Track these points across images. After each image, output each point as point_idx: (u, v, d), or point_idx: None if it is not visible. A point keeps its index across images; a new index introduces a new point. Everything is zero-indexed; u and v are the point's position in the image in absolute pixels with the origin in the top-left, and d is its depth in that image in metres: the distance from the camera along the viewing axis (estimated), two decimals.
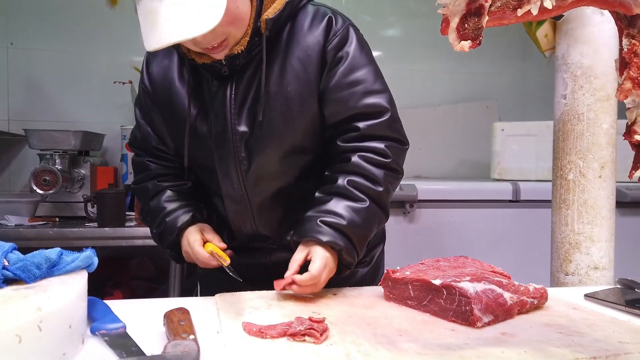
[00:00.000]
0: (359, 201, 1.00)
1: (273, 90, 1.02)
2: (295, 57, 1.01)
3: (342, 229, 0.97)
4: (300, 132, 1.04)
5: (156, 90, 1.12)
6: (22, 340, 0.58)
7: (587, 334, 0.77)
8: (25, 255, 0.72)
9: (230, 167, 1.06)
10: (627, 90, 0.59)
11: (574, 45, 1.26)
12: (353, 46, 1.03)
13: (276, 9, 0.98)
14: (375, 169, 1.01)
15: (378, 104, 1.03)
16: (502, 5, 0.55)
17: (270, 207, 1.10)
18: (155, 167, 1.17)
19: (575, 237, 1.28)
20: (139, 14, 0.89)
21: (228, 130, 1.04)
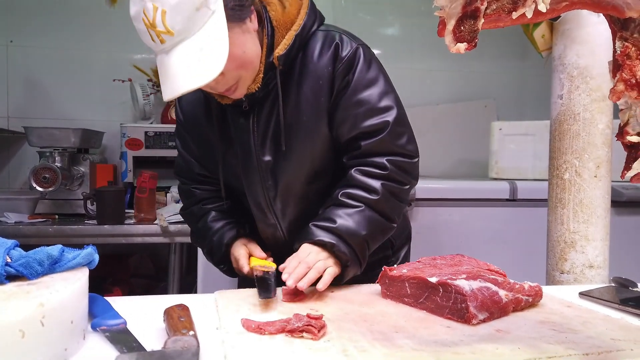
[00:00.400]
0: (352, 207, 1.05)
1: (291, 120, 1.08)
2: (308, 87, 1.06)
3: (332, 229, 1.02)
4: (318, 156, 1.11)
5: (187, 124, 1.21)
6: (25, 335, 0.59)
7: (581, 331, 0.79)
8: (27, 252, 0.73)
9: (259, 194, 1.15)
10: (620, 92, 0.60)
11: (570, 46, 1.27)
12: (358, 69, 1.06)
13: (286, 45, 1.03)
14: (372, 180, 1.06)
15: (380, 123, 1.06)
16: (497, 8, 0.56)
17: (298, 226, 1.14)
18: (200, 193, 1.25)
19: (571, 236, 1.30)
20: (158, 68, 0.96)
21: (254, 160, 1.11)
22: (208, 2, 0.89)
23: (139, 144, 2.38)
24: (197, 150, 1.22)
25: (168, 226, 2.06)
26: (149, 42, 0.93)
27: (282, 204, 1.15)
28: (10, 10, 2.61)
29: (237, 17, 0.96)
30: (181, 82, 0.91)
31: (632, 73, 0.60)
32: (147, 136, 2.38)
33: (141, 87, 2.53)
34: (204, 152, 1.21)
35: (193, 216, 1.25)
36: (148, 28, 0.90)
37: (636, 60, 0.60)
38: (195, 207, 1.25)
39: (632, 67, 0.60)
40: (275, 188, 1.13)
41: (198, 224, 1.24)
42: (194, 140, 1.22)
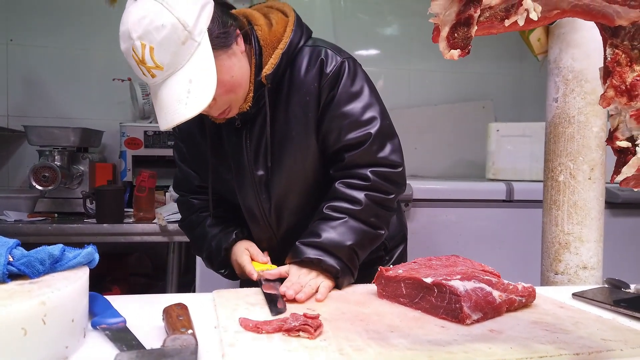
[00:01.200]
0: (336, 219, 1.07)
1: (280, 135, 1.11)
2: (296, 103, 1.09)
3: (317, 244, 1.05)
4: (310, 170, 1.14)
5: (183, 138, 1.24)
6: (27, 333, 0.60)
7: (572, 331, 0.80)
8: (28, 251, 0.74)
9: (253, 208, 1.18)
10: (610, 98, 0.62)
11: (565, 50, 1.29)
12: (342, 82, 1.09)
13: (273, 64, 1.06)
14: (355, 191, 1.08)
15: (362, 135, 1.08)
16: (490, 16, 0.58)
17: (294, 235, 1.16)
18: (198, 203, 1.27)
19: (565, 237, 1.31)
20: (153, 101, 1.00)
21: (247, 175, 1.15)
22: (193, 35, 0.93)
23: (138, 143, 2.39)
24: (193, 163, 1.26)
25: (167, 225, 2.07)
26: (142, 76, 0.96)
27: (277, 216, 1.18)
28: (10, 8, 2.62)
29: (223, 44, 0.99)
30: (174, 114, 0.94)
31: (622, 79, 0.61)
32: (146, 135, 2.39)
33: (141, 87, 2.54)
34: (200, 165, 1.24)
35: (191, 224, 1.28)
36: (138, 64, 0.94)
37: (626, 67, 0.61)
38: (194, 216, 1.27)
39: (622, 74, 0.61)
40: (269, 201, 1.16)
41: (196, 231, 1.26)
42: (190, 154, 1.25)
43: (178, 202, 1.34)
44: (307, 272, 1.04)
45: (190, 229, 1.30)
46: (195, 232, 1.27)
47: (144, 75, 0.95)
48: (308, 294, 0.97)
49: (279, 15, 1.11)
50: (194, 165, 1.26)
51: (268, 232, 1.21)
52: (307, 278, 1.02)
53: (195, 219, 1.27)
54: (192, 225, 1.28)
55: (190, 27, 0.92)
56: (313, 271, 1.04)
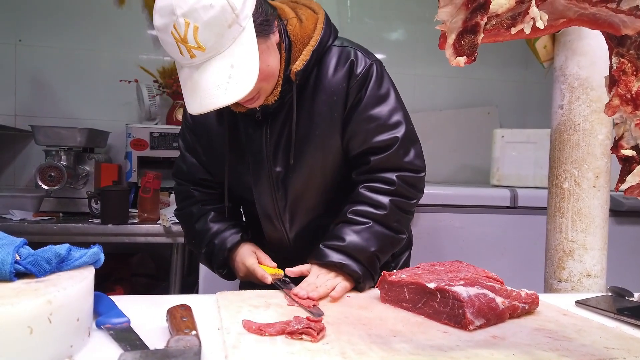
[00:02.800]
0: (361, 224, 1.07)
1: (303, 133, 1.10)
2: (323, 101, 1.09)
3: (341, 248, 1.05)
4: (330, 169, 1.14)
5: (197, 130, 1.21)
6: (34, 332, 0.61)
7: (575, 339, 0.80)
8: (35, 250, 0.74)
9: (268, 204, 1.17)
10: (615, 107, 0.62)
11: (571, 57, 1.29)
12: (371, 85, 1.09)
13: (304, 60, 1.05)
14: (380, 196, 1.09)
15: (389, 139, 1.09)
16: (497, 24, 0.58)
17: (305, 235, 1.18)
18: (199, 194, 1.25)
19: (569, 245, 1.31)
20: (180, 79, 0.97)
21: (265, 170, 1.13)
22: (239, 19, 0.91)
23: (144, 144, 2.40)
24: (203, 155, 1.23)
25: (171, 226, 2.08)
26: (177, 55, 0.93)
27: (291, 214, 1.18)
28: (19, 9, 2.64)
29: (264, 32, 0.98)
30: (211, 99, 0.92)
31: (628, 88, 0.61)
32: (152, 137, 2.40)
33: (147, 88, 2.56)
34: (211, 158, 1.22)
35: (191, 216, 1.24)
36: (178, 42, 0.90)
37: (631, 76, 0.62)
38: (195, 207, 1.24)
39: (628, 83, 0.61)
40: (285, 198, 1.15)
41: (196, 224, 1.23)
42: (202, 145, 1.22)
43: (176, 190, 1.30)
44: (327, 273, 1.04)
45: (188, 221, 1.26)
46: (195, 225, 1.24)
47: (180, 55, 0.92)
48: (322, 293, 0.97)
49: (308, 12, 1.10)
50: (202, 158, 1.23)
51: (280, 230, 1.20)
52: (324, 278, 1.03)
53: (197, 212, 1.24)
54: (192, 217, 1.24)
55: (238, 10, 0.90)
56: (332, 272, 1.04)
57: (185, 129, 1.25)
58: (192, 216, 1.24)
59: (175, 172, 1.29)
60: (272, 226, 1.20)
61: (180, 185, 1.28)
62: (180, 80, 0.97)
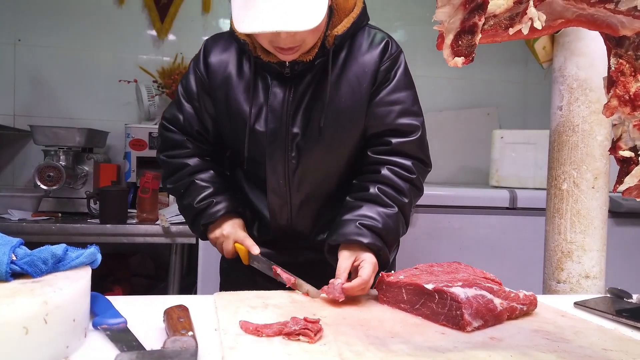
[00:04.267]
0: (389, 207, 1.07)
1: (328, 100, 1.10)
2: (353, 73, 1.10)
3: (379, 231, 1.04)
4: (349, 142, 1.14)
5: (214, 82, 1.15)
6: (29, 332, 0.61)
7: (573, 340, 0.80)
8: (32, 250, 0.74)
9: (279, 164, 1.14)
10: (614, 108, 0.62)
11: (570, 58, 1.29)
12: (400, 70, 1.13)
13: (345, 27, 1.08)
14: (402, 182, 1.10)
15: (412, 124, 1.12)
16: (494, 24, 0.58)
17: (308, 204, 1.18)
18: (194, 147, 1.20)
19: (568, 246, 1.31)
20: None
21: (282, 130, 1.11)
22: None
23: (143, 144, 2.40)
24: (210, 109, 1.18)
25: (170, 227, 2.07)
26: None
27: (300, 178, 1.15)
28: (18, 9, 2.64)
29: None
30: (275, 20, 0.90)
31: (626, 89, 0.61)
32: (151, 137, 2.40)
33: (146, 89, 2.56)
34: (222, 114, 1.16)
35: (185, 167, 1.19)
36: None
37: (630, 77, 0.61)
38: (192, 160, 1.19)
39: (626, 84, 0.61)
40: (297, 160, 1.13)
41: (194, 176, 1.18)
42: (215, 100, 1.16)
43: (166, 136, 1.22)
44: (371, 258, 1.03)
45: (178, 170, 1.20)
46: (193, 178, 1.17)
47: None
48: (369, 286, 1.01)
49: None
50: (208, 111, 1.18)
51: (284, 196, 1.17)
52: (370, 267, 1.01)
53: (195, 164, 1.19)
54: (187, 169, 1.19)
55: None
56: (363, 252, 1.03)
57: (195, 78, 1.18)
58: (187, 167, 1.19)
59: (170, 119, 1.21)
60: (278, 188, 1.16)
61: (172, 133, 1.21)
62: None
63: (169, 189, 1.24)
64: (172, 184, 1.22)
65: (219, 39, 1.18)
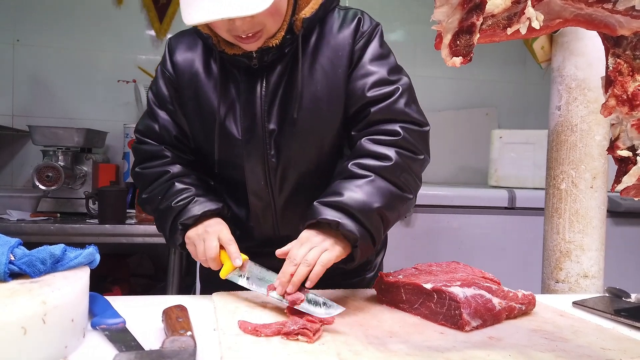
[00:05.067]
0: (361, 177, 0.95)
1: (303, 89, 1.03)
2: (326, 57, 1.03)
3: (338, 204, 0.92)
4: (327, 132, 1.06)
5: (182, 81, 1.09)
6: (27, 332, 0.61)
7: (572, 340, 0.80)
8: (30, 250, 0.74)
9: (258, 164, 1.06)
10: (612, 107, 0.62)
11: (569, 58, 1.29)
12: (373, 42, 1.05)
13: (312, 9, 1.01)
14: (384, 147, 0.98)
15: (389, 91, 1.02)
16: (492, 24, 0.58)
17: (293, 204, 1.09)
18: (174, 156, 1.11)
19: (566, 246, 1.31)
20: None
21: (258, 127, 1.04)
22: None
23: None
24: (181, 110, 1.10)
25: None
26: None
27: (282, 177, 1.08)
28: (17, 9, 2.64)
29: None
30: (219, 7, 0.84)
31: (624, 89, 0.61)
32: None
33: (145, 89, 2.56)
34: (193, 115, 1.09)
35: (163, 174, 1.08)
36: None
37: (628, 77, 0.61)
38: (173, 167, 1.09)
39: (624, 83, 0.61)
40: (277, 158, 1.06)
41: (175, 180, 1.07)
42: (185, 100, 1.09)
43: (141, 150, 1.12)
44: (316, 235, 0.92)
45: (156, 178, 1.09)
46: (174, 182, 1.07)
47: None
48: (299, 280, 0.87)
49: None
50: (180, 116, 1.10)
51: (267, 197, 1.09)
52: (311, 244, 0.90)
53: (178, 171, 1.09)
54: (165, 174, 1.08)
55: None
56: (328, 239, 0.92)
57: (161, 81, 1.10)
58: (167, 173, 1.08)
59: (144, 131, 1.12)
60: (259, 191, 1.08)
61: (147, 145, 1.12)
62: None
63: (144, 200, 1.11)
64: (149, 193, 1.10)
65: (183, 36, 1.11)
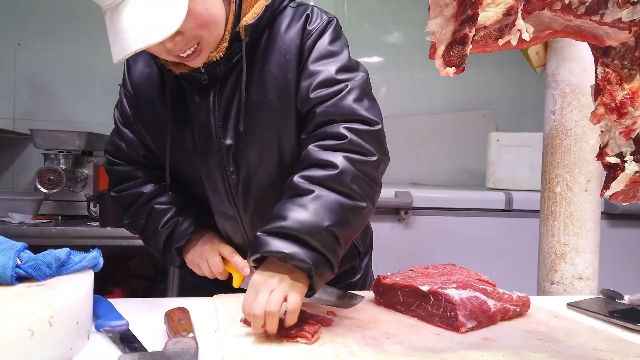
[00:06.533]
0: (305, 194, 0.86)
1: (254, 99, 0.97)
2: (274, 62, 0.97)
3: (283, 230, 0.82)
4: (286, 140, 1.00)
5: (139, 100, 1.06)
6: (34, 334, 0.62)
7: (564, 341, 0.82)
8: (36, 254, 0.76)
9: (218, 182, 1.02)
10: (600, 115, 0.64)
11: (563, 63, 1.31)
12: (323, 40, 0.98)
13: (255, 14, 0.94)
14: (330, 153, 0.89)
15: (336, 90, 0.94)
16: (484, 35, 0.60)
17: (261, 217, 1.01)
18: (145, 175, 1.10)
19: (561, 248, 1.33)
20: (107, 30, 0.86)
21: (214, 143, 1.00)
22: None
23: None
24: (144, 129, 1.07)
25: None
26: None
27: (244, 192, 1.03)
28: (18, 13, 2.66)
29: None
30: (134, 39, 0.80)
31: (612, 97, 0.63)
32: None
33: None
34: (155, 135, 1.06)
35: (141, 196, 1.08)
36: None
37: (616, 86, 0.64)
38: (146, 187, 1.09)
39: (612, 92, 0.63)
40: (237, 174, 1.01)
41: (152, 202, 1.07)
42: (144, 120, 1.07)
43: (113, 170, 1.12)
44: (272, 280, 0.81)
45: (133, 200, 1.08)
46: (151, 204, 1.07)
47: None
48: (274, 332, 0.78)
49: None
50: (144, 134, 1.08)
51: (233, 213, 1.05)
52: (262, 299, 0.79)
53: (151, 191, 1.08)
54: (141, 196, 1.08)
55: None
56: (284, 276, 0.81)
57: (124, 100, 1.09)
58: (142, 195, 1.08)
59: (112, 151, 1.11)
60: (224, 209, 1.05)
61: (118, 166, 1.11)
62: (107, 30, 0.86)
63: (128, 225, 1.12)
64: (130, 218, 1.10)
65: (140, 54, 1.05)
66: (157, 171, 1.11)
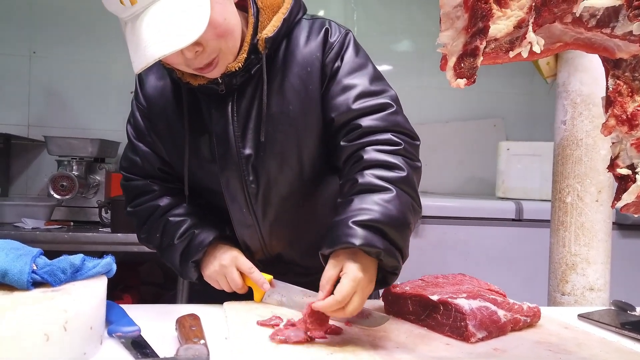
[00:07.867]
0: (385, 191, 0.87)
1: (274, 110, 1.00)
2: (295, 74, 0.99)
3: (376, 224, 0.83)
4: (306, 151, 1.02)
5: (153, 113, 1.07)
6: (50, 339, 0.64)
7: (575, 352, 0.81)
8: (51, 260, 0.77)
9: (237, 191, 1.03)
10: (611, 127, 0.64)
11: (574, 74, 1.31)
12: (349, 53, 1.01)
13: (275, 27, 0.97)
14: (391, 156, 0.93)
15: (377, 103, 0.98)
16: (495, 48, 0.61)
17: (279, 227, 1.06)
18: (161, 188, 1.10)
19: (572, 259, 1.32)
20: (126, 40, 0.87)
21: (233, 153, 1.01)
22: None
23: None
24: (159, 140, 1.08)
25: None
26: (116, 5, 0.84)
27: (264, 202, 1.04)
28: (33, 22, 2.71)
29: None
30: (154, 48, 0.81)
31: (623, 109, 0.64)
32: None
33: None
34: (170, 146, 1.07)
35: (158, 209, 1.08)
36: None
37: (627, 97, 0.64)
38: (161, 200, 1.09)
39: (623, 104, 0.64)
40: (257, 184, 1.02)
41: (168, 215, 1.07)
42: (159, 132, 1.07)
43: (129, 186, 1.11)
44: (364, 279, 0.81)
45: (151, 213, 1.08)
46: (165, 217, 1.07)
47: (120, 4, 0.84)
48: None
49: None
50: (159, 146, 1.08)
51: (252, 222, 1.05)
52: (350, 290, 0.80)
53: (167, 204, 1.08)
54: (158, 210, 1.08)
55: None
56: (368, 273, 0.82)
57: (137, 113, 1.09)
58: (158, 209, 1.08)
59: (127, 166, 1.12)
60: (242, 218, 1.05)
61: (133, 181, 1.11)
62: (127, 41, 0.87)
63: (144, 240, 1.11)
64: (146, 232, 1.10)
65: (152, 67, 1.03)
66: (173, 184, 1.11)
